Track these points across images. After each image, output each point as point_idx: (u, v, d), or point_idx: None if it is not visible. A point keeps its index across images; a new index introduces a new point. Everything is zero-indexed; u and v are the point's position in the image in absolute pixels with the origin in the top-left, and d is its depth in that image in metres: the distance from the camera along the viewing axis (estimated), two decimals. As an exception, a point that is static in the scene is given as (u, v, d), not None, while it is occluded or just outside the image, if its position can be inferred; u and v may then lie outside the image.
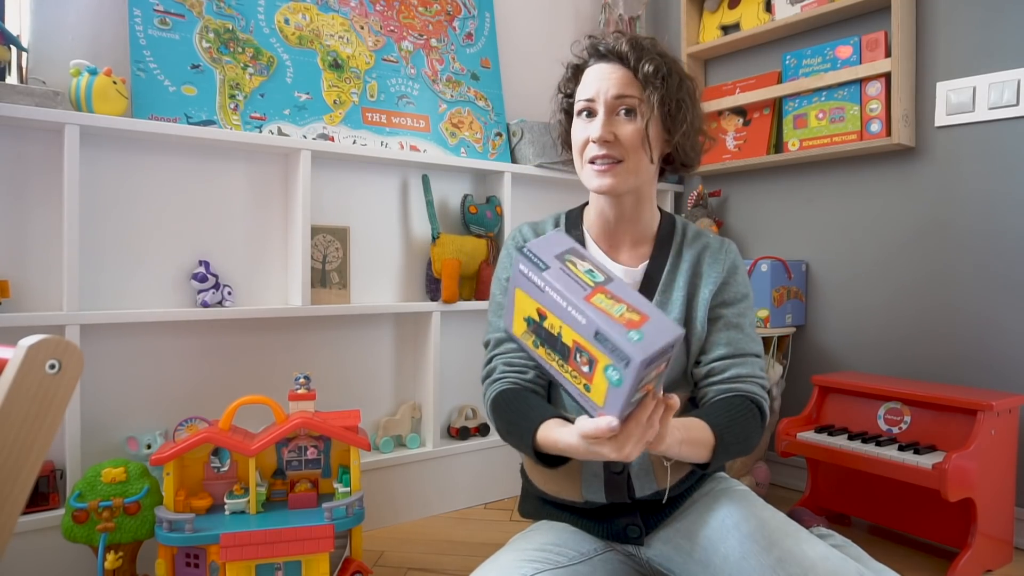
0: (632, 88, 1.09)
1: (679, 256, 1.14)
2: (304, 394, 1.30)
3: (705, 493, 1.12)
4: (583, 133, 1.10)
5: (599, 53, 1.12)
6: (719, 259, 1.13)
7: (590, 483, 1.10)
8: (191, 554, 1.20)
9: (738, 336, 1.10)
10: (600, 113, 1.08)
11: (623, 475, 1.08)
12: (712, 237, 1.17)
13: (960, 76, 1.66)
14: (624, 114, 1.08)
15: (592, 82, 1.10)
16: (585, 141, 1.10)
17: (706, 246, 1.15)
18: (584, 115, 1.11)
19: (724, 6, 2.13)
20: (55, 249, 1.36)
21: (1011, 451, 1.47)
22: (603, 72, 1.10)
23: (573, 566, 1.03)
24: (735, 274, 1.14)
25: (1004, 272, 1.60)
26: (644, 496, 1.08)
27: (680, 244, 1.15)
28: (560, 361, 0.81)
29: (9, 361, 0.61)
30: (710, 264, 1.13)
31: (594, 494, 1.10)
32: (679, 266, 1.13)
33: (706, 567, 1.00)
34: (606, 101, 1.08)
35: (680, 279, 1.12)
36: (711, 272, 1.12)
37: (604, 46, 1.11)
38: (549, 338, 0.81)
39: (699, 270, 1.13)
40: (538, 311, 0.81)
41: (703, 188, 2.11)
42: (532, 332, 0.84)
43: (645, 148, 1.10)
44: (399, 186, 1.83)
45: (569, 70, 1.17)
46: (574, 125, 1.14)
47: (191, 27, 1.52)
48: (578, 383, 0.79)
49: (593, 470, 1.10)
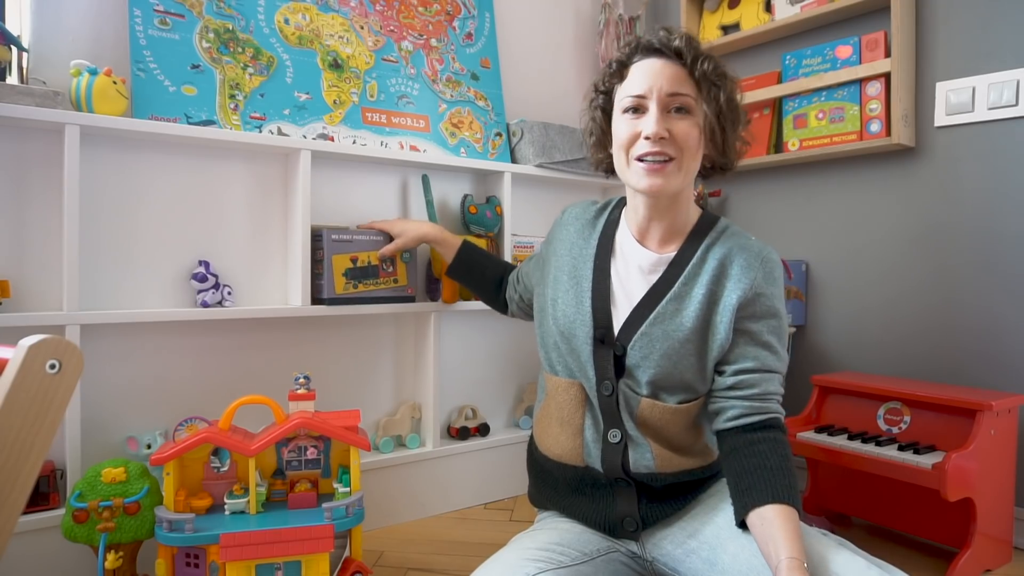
0: (687, 86, 1.06)
1: (708, 251, 1.10)
2: (304, 394, 1.30)
3: (711, 494, 1.12)
4: (631, 129, 1.07)
5: (650, 48, 1.08)
6: (754, 266, 1.07)
7: (590, 449, 1.12)
8: (191, 554, 1.20)
9: (767, 355, 1.08)
10: (652, 109, 1.05)
11: (619, 444, 1.10)
12: (755, 241, 1.12)
13: (960, 76, 1.67)
14: (676, 111, 1.06)
15: (643, 77, 1.07)
16: (634, 137, 1.06)
17: (743, 247, 1.09)
18: (631, 112, 1.07)
19: (724, 6, 2.13)
20: (55, 249, 1.36)
21: (1011, 451, 1.47)
22: (655, 67, 1.06)
23: (576, 566, 1.03)
24: (770, 286, 1.08)
25: (1004, 272, 1.60)
26: (638, 473, 1.08)
27: (714, 240, 1.11)
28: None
29: (9, 361, 0.61)
30: (742, 268, 1.07)
31: (593, 461, 1.11)
32: (707, 260, 1.10)
33: (713, 565, 1.00)
34: (659, 98, 1.05)
35: (704, 276, 1.08)
36: (742, 276, 1.07)
37: (659, 40, 1.08)
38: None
39: (727, 271, 1.08)
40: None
41: (703, 188, 2.11)
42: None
43: (699, 147, 1.08)
44: (399, 186, 1.83)
45: (614, 64, 1.13)
46: (618, 122, 1.10)
47: (191, 27, 1.52)
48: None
49: (594, 435, 1.12)
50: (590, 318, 1.11)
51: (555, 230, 1.27)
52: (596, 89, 1.17)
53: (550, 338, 1.17)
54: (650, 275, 1.11)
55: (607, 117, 1.15)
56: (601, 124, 1.17)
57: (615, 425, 1.10)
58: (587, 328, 1.11)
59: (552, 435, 1.17)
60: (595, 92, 1.17)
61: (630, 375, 1.09)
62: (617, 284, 1.13)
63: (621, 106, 1.09)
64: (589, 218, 1.22)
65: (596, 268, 1.15)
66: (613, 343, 1.10)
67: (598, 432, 1.12)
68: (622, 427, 1.10)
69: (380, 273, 1.61)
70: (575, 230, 1.21)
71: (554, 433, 1.17)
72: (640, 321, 1.09)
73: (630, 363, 1.09)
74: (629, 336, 1.09)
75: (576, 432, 1.13)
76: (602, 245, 1.17)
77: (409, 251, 1.67)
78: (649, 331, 1.07)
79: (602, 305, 1.11)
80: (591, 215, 1.22)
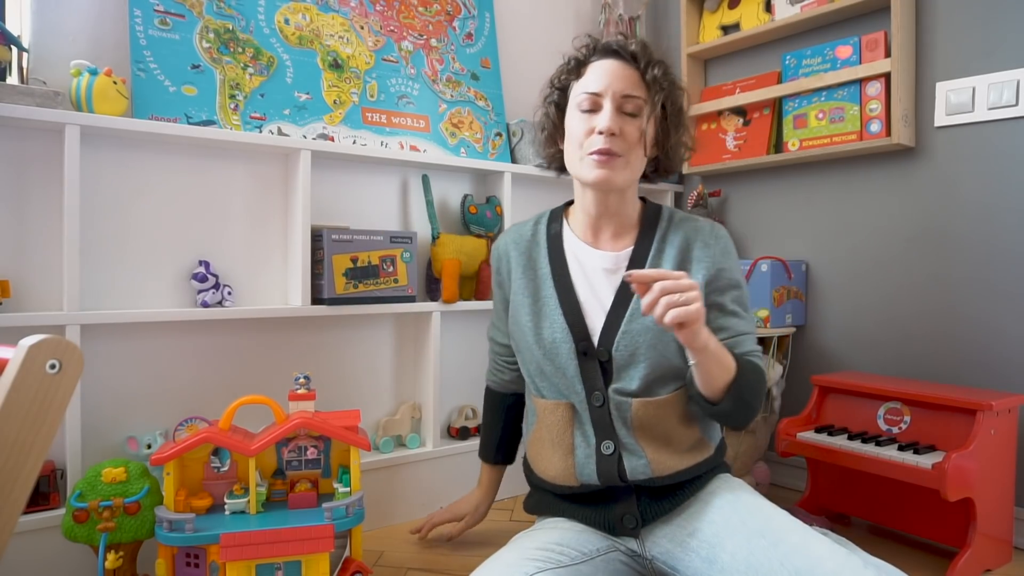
0: (639, 89, 1.12)
1: (664, 240, 1.17)
2: (304, 394, 1.30)
3: (709, 492, 1.12)
4: (586, 124, 1.12)
5: (609, 50, 1.14)
6: (711, 244, 1.15)
7: (583, 466, 1.12)
8: (191, 554, 1.20)
9: (736, 321, 1.14)
10: (607, 107, 1.10)
11: (614, 455, 1.10)
12: (702, 221, 1.19)
13: (960, 76, 1.67)
14: (627, 114, 1.11)
15: (599, 77, 1.12)
16: (588, 132, 1.11)
17: (696, 229, 1.17)
18: (585, 109, 1.12)
19: (724, 6, 2.13)
20: (55, 249, 1.36)
21: (1011, 451, 1.47)
22: (612, 68, 1.12)
23: (575, 566, 1.03)
24: (727, 259, 1.16)
25: (1004, 272, 1.60)
26: (637, 479, 1.09)
27: (666, 229, 1.18)
28: None
29: (9, 361, 0.61)
30: (702, 248, 1.15)
31: (588, 476, 1.12)
32: (664, 250, 1.16)
33: (712, 563, 1.00)
34: (614, 97, 1.10)
35: (667, 263, 1.14)
36: (703, 256, 1.14)
37: (616, 43, 1.14)
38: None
39: (689, 254, 1.15)
40: None
41: (703, 188, 2.11)
42: None
43: (644, 148, 1.13)
44: (399, 186, 1.83)
45: (571, 62, 1.18)
46: (572, 118, 1.15)
47: (191, 27, 1.52)
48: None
49: (586, 451, 1.12)
50: (568, 335, 1.13)
51: (498, 266, 1.29)
52: (552, 85, 1.21)
53: (532, 363, 1.19)
54: (614, 274, 1.15)
55: (560, 113, 1.20)
56: (554, 119, 1.21)
57: (608, 436, 1.12)
58: (569, 344, 1.13)
59: (545, 457, 1.19)
60: (551, 87, 1.21)
61: (619, 379, 1.11)
62: (584, 293, 1.16)
63: (576, 102, 1.14)
64: (528, 239, 1.25)
65: (558, 285, 1.17)
66: (596, 352, 1.12)
67: (590, 447, 1.13)
68: (615, 437, 1.11)
69: (380, 273, 1.61)
70: (518, 256, 1.24)
71: (547, 455, 1.18)
72: (618, 322, 1.12)
73: (617, 366, 1.11)
74: (611, 340, 1.11)
75: (567, 452, 1.14)
76: (554, 260, 1.20)
77: (409, 251, 1.67)
78: (629, 328, 1.10)
79: (576, 319, 1.14)
80: (528, 235, 1.25)
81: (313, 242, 1.58)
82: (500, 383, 1.42)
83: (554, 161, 1.26)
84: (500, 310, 1.32)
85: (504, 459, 1.46)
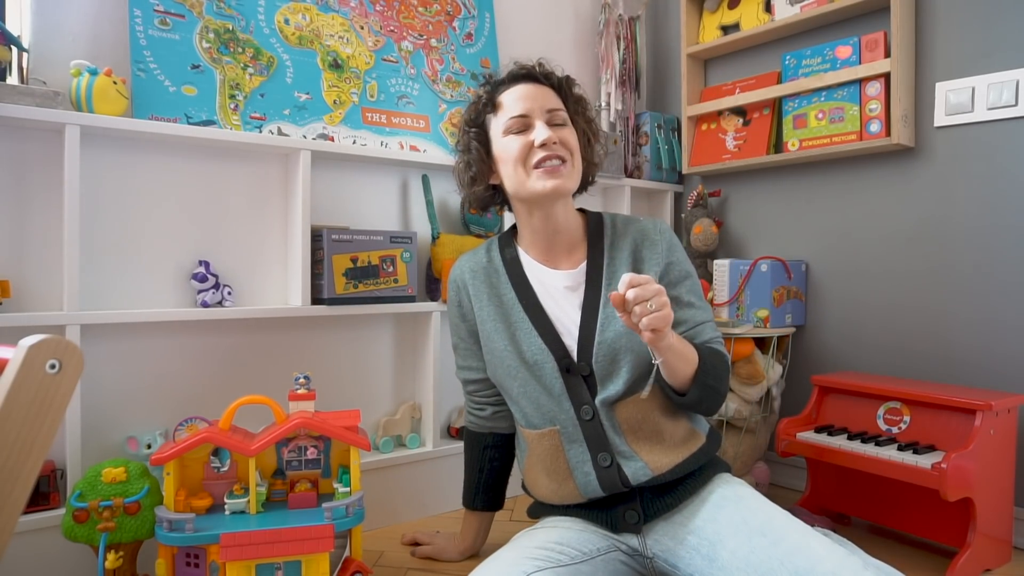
0: (559, 103, 1.19)
1: (614, 247, 1.20)
2: (304, 394, 1.30)
3: (710, 491, 1.13)
4: (522, 142, 1.15)
5: (517, 76, 1.20)
6: (657, 241, 1.20)
7: (585, 484, 1.13)
8: (191, 554, 1.20)
9: (693, 312, 1.18)
10: (539, 123, 1.15)
11: (612, 467, 1.11)
12: (644, 220, 1.24)
13: (959, 76, 1.67)
14: (556, 125, 1.17)
15: (520, 100, 1.17)
16: (526, 148, 1.15)
17: (641, 230, 1.21)
18: (515, 132, 1.16)
19: (724, 6, 2.13)
20: (55, 249, 1.36)
21: (1010, 451, 1.47)
22: (529, 91, 1.18)
23: (575, 565, 1.04)
24: (675, 252, 1.21)
25: (1003, 272, 1.60)
26: (640, 483, 1.10)
27: (612, 236, 1.22)
28: None
29: (9, 361, 0.61)
30: (650, 248, 1.19)
31: (592, 491, 1.12)
32: (616, 257, 1.19)
33: (712, 561, 1.01)
34: (541, 113, 1.16)
35: (621, 269, 1.17)
36: (652, 255, 1.18)
37: (521, 68, 1.21)
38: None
39: (640, 255, 1.19)
40: None
41: (703, 188, 2.11)
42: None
43: (581, 151, 1.20)
44: (399, 186, 1.83)
45: (483, 98, 1.22)
46: (505, 143, 1.18)
47: (191, 27, 1.52)
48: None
49: (584, 469, 1.13)
50: (549, 354, 1.15)
51: (457, 298, 1.29)
52: (469, 125, 1.24)
53: (516, 387, 1.20)
54: (575, 292, 1.18)
55: (486, 147, 1.22)
56: (481, 154, 1.22)
57: (602, 448, 1.12)
58: (551, 363, 1.15)
59: (542, 484, 1.20)
60: (467, 127, 1.24)
61: (604, 388, 1.13)
62: (555, 313, 1.18)
63: (504, 129, 1.17)
64: (484, 266, 1.27)
65: (528, 309, 1.19)
66: (577, 367, 1.14)
67: (588, 464, 1.13)
68: (609, 448, 1.12)
69: (380, 273, 1.61)
70: (478, 284, 1.26)
71: (543, 482, 1.20)
72: (591, 336, 1.14)
73: (600, 377, 1.13)
74: (588, 354, 1.13)
75: (565, 477, 1.16)
76: (517, 285, 1.22)
77: (409, 251, 1.67)
78: (603, 339, 1.13)
79: (552, 339, 1.16)
80: (483, 263, 1.27)
81: (313, 242, 1.58)
82: (477, 423, 1.38)
83: (490, 202, 1.29)
84: (468, 343, 1.31)
85: (484, 505, 1.40)
